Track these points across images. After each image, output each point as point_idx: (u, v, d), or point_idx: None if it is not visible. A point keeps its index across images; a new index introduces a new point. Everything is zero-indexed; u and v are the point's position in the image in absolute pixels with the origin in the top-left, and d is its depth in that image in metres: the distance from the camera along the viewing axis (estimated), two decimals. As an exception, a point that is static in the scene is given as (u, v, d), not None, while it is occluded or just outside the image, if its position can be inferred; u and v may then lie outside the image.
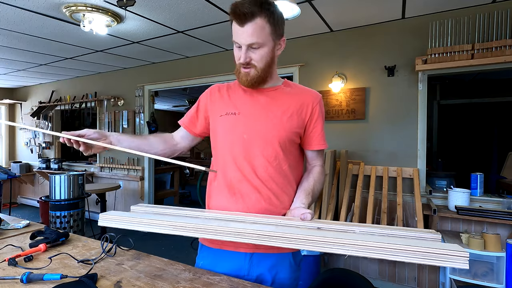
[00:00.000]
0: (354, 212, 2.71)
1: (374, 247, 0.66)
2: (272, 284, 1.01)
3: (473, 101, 5.06)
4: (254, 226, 0.80)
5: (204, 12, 2.59)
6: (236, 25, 0.95)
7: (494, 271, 2.21)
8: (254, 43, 0.95)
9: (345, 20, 2.84)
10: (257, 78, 1.01)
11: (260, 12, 0.93)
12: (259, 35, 0.95)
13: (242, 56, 0.97)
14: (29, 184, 6.24)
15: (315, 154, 1.15)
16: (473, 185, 2.55)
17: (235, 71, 1.05)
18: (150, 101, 4.56)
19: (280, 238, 0.74)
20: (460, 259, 0.61)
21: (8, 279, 0.88)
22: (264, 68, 1.01)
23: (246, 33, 0.94)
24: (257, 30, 0.94)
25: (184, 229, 0.82)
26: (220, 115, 1.09)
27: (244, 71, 1.01)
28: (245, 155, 1.03)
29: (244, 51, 0.97)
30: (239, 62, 1.01)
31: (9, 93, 6.45)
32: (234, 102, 1.09)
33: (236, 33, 0.96)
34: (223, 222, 0.88)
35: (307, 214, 0.92)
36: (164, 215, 0.98)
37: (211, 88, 1.18)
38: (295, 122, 1.05)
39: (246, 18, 0.92)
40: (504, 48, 2.29)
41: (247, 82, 1.02)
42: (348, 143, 3.07)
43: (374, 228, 0.86)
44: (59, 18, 2.69)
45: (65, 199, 2.71)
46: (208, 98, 1.16)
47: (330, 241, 0.70)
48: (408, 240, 0.70)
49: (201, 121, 1.18)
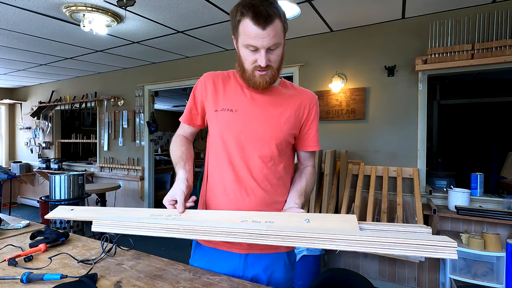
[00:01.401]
0: (354, 212, 2.71)
1: (365, 241, 0.67)
2: (267, 284, 1.01)
3: (473, 101, 5.06)
4: (245, 225, 0.80)
5: (204, 12, 2.59)
6: (255, 27, 0.88)
7: (494, 271, 2.21)
8: (274, 44, 0.92)
9: (345, 20, 2.84)
10: (273, 79, 0.99)
11: (276, 11, 0.90)
12: (279, 36, 0.92)
13: (263, 60, 0.92)
14: (29, 184, 6.24)
15: (308, 155, 1.15)
16: (473, 185, 2.55)
17: (244, 74, 0.99)
18: (150, 101, 4.56)
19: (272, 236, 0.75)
20: (448, 249, 0.62)
21: (8, 279, 0.88)
22: (279, 67, 0.99)
23: (268, 36, 0.90)
24: (277, 32, 0.91)
25: (177, 231, 0.82)
26: (215, 110, 1.05)
27: (259, 74, 0.96)
28: (241, 155, 1.01)
29: (264, 54, 0.92)
30: (254, 66, 0.95)
31: (9, 93, 6.45)
32: (231, 97, 1.05)
33: (254, 37, 0.90)
34: (213, 223, 0.87)
35: None
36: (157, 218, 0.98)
37: (205, 78, 1.10)
38: (292, 123, 1.05)
39: (269, 20, 0.88)
40: (504, 48, 2.29)
41: (266, 84, 0.99)
42: (348, 143, 3.07)
43: (365, 224, 0.86)
44: (59, 18, 2.69)
45: (65, 199, 2.71)
46: (202, 88, 1.09)
47: (321, 237, 0.70)
48: (399, 234, 0.71)
49: (201, 113, 1.13)
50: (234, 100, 1.04)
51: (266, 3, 0.89)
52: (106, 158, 5.00)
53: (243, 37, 0.92)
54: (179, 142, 1.13)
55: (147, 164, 4.55)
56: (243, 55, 0.97)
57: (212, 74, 1.11)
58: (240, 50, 0.97)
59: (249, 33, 0.90)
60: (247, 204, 1.00)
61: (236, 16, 0.92)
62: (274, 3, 0.91)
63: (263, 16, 0.87)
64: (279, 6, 0.93)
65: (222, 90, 1.07)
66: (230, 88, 1.07)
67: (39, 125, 5.93)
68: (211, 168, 1.09)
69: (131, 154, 4.72)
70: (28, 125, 6.19)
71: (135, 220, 0.88)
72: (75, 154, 6.01)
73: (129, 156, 4.73)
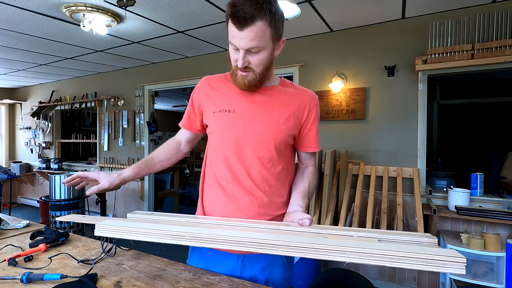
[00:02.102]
0: (354, 212, 2.71)
1: (374, 254, 0.67)
2: (266, 284, 1.01)
3: (473, 101, 5.06)
4: (254, 235, 0.79)
5: (204, 12, 2.59)
6: (234, 28, 0.87)
7: (494, 271, 2.21)
8: (254, 48, 0.89)
9: (345, 20, 2.84)
10: (254, 82, 0.97)
11: (261, 14, 0.85)
12: (260, 39, 0.88)
13: (240, 60, 0.91)
14: (29, 184, 6.24)
15: (309, 155, 1.14)
16: (473, 185, 2.55)
17: (231, 72, 1.01)
18: (150, 101, 4.56)
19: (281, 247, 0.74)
20: (457, 264, 0.62)
21: (8, 279, 0.88)
22: (262, 72, 0.96)
23: (245, 38, 0.87)
24: (258, 35, 0.87)
25: (183, 238, 0.81)
26: (214, 112, 1.04)
27: (241, 74, 0.96)
28: (239, 156, 1.00)
29: (242, 55, 0.90)
30: (236, 65, 0.95)
31: (9, 93, 6.45)
32: (228, 98, 1.04)
33: (234, 36, 0.89)
34: (221, 230, 0.86)
35: (306, 220, 0.89)
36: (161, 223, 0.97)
37: (202, 82, 1.11)
38: (291, 124, 1.03)
39: (247, 22, 0.85)
40: (504, 48, 2.29)
41: (244, 86, 0.98)
42: (348, 143, 3.07)
43: (371, 233, 0.86)
44: (59, 18, 2.69)
45: (65, 199, 2.71)
46: (200, 92, 1.10)
47: (331, 248, 0.70)
48: (406, 246, 0.71)
49: (199, 117, 1.13)
50: (232, 101, 1.03)
51: (249, 4, 0.84)
52: (106, 158, 5.00)
53: (229, 35, 0.92)
54: (162, 146, 1.21)
55: (147, 164, 4.54)
56: (229, 53, 0.98)
57: (209, 77, 1.12)
58: (229, 48, 0.98)
59: (230, 30, 0.90)
60: (245, 205, 1.00)
61: (226, 15, 0.92)
62: (262, 5, 0.85)
63: (239, 16, 0.84)
64: (271, 9, 0.87)
65: (220, 91, 1.06)
66: (227, 89, 1.06)
67: (39, 125, 5.93)
68: (209, 169, 1.08)
69: (131, 154, 4.72)
70: (28, 125, 6.19)
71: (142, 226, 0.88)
72: (75, 154, 6.01)
73: (129, 156, 4.73)
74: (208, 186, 1.08)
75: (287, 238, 0.76)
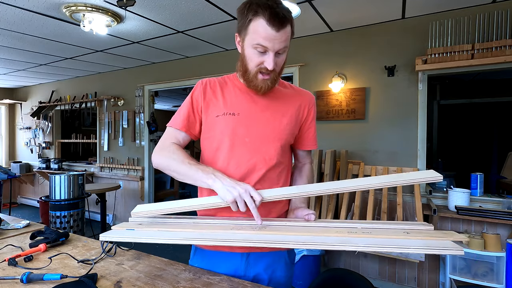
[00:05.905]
0: (354, 212, 2.71)
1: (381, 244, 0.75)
2: (268, 283, 1.01)
3: (473, 101, 5.06)
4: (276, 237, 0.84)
5: (204, 12, 2.59)
6: (269, 28, 0.87)
7: (494, 271, 2.21)
8: (283, 48, 0.92)
9: (345, 20, 2.84)
10: (274, 83, 0.99)
11: (289, 17, 0.91)
12: (287, 40, 0.93)
13: (271, 62, 0.91)
14: (29, 184, 6.24)
15: (306, 153, 1.18)
16: (473, 185, 2.55)
17: (246, 74, 0.98)
18: (150, 101, 4.56)
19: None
20: (455, 246, 0.71)
21: (8, 279, 0.88)
22: (280, 72, 0.99)
23: (279, 39, 0.89)
24: (288, 36, 0.92)
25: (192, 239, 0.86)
26: (217, 115, 1.02)
27: (262, 78, 0.96)
28: (246, 158, 1.00)
29: (273, 57, 0.91)
30: (259, 68, 0.94)
31: (9, 93, 6.45)
32: (231, 101, 1.03)
33: (266, 38, 0.89)
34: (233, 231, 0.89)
35: (311, 215, 0.97)
36: (168, 224, 0.98)
37: (203, 85, 1.06)
38: (293, 123, 1.06)
39: (285, 23, 0.89)
40: (504, 48, 2.29)
41: (265, 89, 0.98)
42: (348, 143, 3.07)
43: (374, 224, 0.92)
44: (59, 18, 2.69)
45: (65, 199, 2.70)
46: (202, 95, 1.05)
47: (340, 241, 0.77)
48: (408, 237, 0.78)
49: (199, 120, 1.07)
50: (235, 104, 1.03)
51: (282, 6, 0.89)
52: (106, 158, 5.00)
53: (253, 36, 0.90)
54: (177, 151, 1.01)
55: (147, 164, 4.55)
56: (248, 55, 0.95)
57: (209, 80, 1.08)
58: (246, 50, 0.95)
59: (261, 33, 0.88)
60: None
61: (248, 15, 0.90)
62: (287, 9, 0.91)
63: (279, 18, 0.87)
64: (291, 12, 0.94)
65: (221, 95, 1.04)
66: (229, 92, 1.05)
67: (39, 125, 5.92)
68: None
69: (131, 154, 4.72)
70: (28, 125, 6.19)
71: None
72: (75, 154, 6.01)
73: (129, 156, 4.73)
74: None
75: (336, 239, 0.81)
